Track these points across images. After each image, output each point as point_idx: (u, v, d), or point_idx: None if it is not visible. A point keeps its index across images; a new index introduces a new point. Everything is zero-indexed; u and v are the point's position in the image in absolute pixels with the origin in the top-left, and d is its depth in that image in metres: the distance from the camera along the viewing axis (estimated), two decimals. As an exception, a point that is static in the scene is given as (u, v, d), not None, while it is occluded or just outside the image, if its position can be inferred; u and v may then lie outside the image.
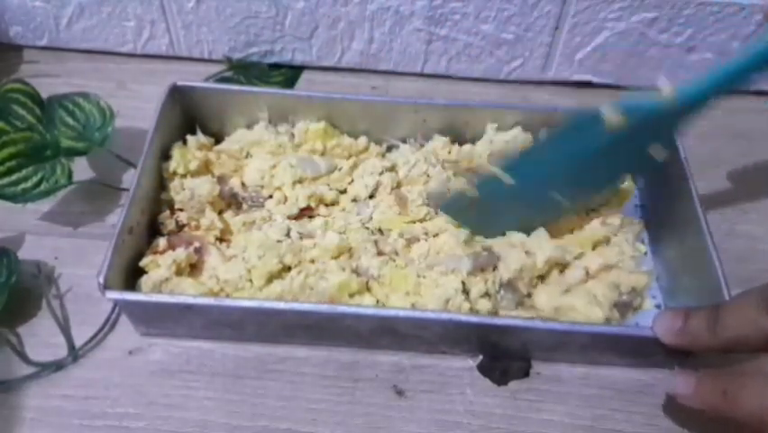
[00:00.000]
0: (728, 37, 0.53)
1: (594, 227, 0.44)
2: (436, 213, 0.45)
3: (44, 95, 0.47)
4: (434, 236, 0.44)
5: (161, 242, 0.42)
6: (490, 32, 0.54)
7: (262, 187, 0.46)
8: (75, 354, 0.40)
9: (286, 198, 0.46)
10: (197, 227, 0.44)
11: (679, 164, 0.44)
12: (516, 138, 0.47)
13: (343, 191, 0.47)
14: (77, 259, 0.44)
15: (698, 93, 0.36)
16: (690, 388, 0.34)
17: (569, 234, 0.44)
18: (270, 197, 0.46)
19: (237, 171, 0.47)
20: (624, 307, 0.41)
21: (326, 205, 0.46)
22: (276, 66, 0.58)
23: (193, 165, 0.45)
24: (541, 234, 0.43)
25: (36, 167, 0.44)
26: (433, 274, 0.41)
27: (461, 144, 0.48)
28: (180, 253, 0.41)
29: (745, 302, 0.33)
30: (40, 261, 0.44)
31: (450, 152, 0.48)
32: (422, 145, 0.48)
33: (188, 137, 0.47)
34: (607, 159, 0.40)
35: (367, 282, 0.41)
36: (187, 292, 0.39)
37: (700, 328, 0.34)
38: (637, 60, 0.55)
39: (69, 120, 0.46)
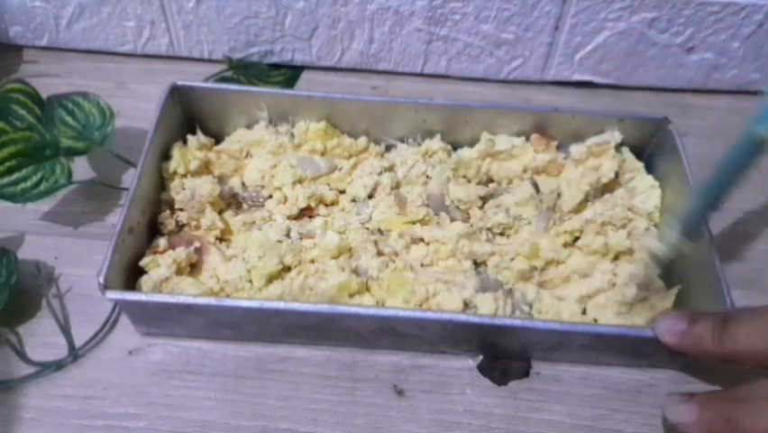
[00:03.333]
0: (728, 37, 0.53)
1: (620, 239, 0.43)
2: (437, 214, 0.45)
3: (44, 95, 0.47)
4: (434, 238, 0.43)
5: (161, 242, 0.42)
6: (490, 32, 0.54)
7: (262, 187, 0.46)
8: (75, 354, 0.40)
9: (286, 198, 0.45)
10: (197, 227, 0.44)
11: (679, 164, 0.44)
12: (511, 144, 0.47)
13: (343, 191, 0.47)
14: (77, 259, 0.44)
15: None
16: (694, 416, 0.33)
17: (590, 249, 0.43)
18: (270, 197, 0.46)
19: (237, 171, 0.47)
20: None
21: (326, 205, 0.46)
22: (276, 66, 0.58)
23: (193, 165, 0.45)
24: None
25: (36, 167, 0.44)
26: (436, 287, 0.40)
27: (455, 149, 0.48)
28: (180, 253, 0.41)
29: (758, 316, 0.33)
30: (40, 261, 0.44)
31: (450, 156, 0.48)
32: (419, 145, 0.48)
33: (188, 137, 0.47)
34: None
35: (366, 283, 0.41)
36: (187, 292, 0.39)
37: (705, 335, 0.34)
38: (637, 60, 0.55)
39: (69, 120, 0.46)
